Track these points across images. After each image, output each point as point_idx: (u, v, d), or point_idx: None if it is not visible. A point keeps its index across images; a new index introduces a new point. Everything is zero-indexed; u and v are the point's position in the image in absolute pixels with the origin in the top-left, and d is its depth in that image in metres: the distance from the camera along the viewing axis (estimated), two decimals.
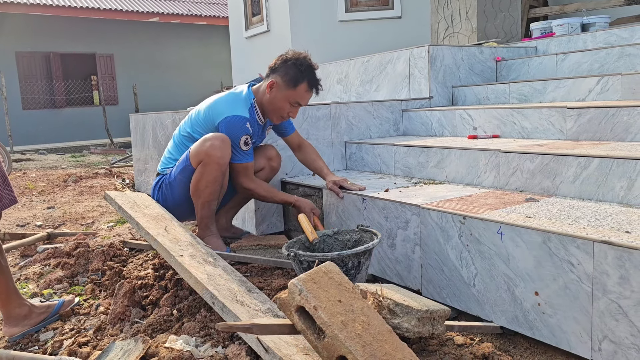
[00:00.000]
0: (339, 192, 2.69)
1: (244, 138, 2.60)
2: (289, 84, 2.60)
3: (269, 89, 2.63)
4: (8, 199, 2.05)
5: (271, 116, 2.71)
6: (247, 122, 2.61)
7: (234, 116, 2.60)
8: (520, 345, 1.84)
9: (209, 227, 2.70)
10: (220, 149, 2.52)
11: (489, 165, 2.53)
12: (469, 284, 2.00)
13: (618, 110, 2.47)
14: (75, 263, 2.82)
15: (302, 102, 2.68)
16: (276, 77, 2.62)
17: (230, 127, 2.59)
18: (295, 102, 2.64)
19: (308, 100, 2.70)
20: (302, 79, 2.61)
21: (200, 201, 2.64)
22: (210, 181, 2.57)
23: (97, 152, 10.89)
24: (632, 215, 1.83)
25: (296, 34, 6.41)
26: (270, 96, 2.64)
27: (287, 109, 2.66)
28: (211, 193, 2.61)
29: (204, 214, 2.67)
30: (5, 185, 2.04)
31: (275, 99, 2.63)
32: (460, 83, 3.97)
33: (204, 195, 2.61)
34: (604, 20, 4.78)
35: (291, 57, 2.65)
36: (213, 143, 2.52)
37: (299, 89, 2.61)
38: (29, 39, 13.73)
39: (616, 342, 1.55)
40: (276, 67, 2.65)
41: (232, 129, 2.59)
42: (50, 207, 4.70)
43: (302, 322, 1.35)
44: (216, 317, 1.92)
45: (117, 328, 2.05)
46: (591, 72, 3.57)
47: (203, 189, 2.59)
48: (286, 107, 2.64)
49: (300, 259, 2.03)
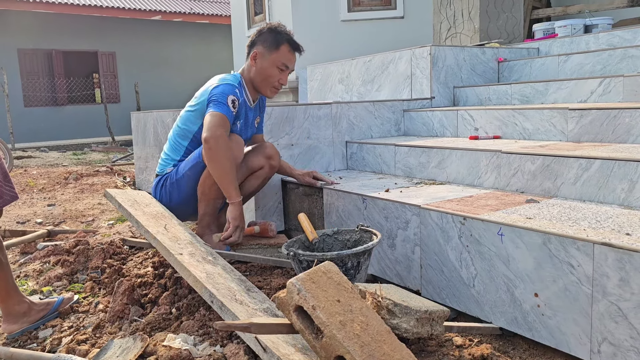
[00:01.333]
0: (315, 182, 2.76)
1: (232, 97, 2.54)
2: (270, 48, 2.62)
3: (254, 61, 2.64)
4: (9, 195, 2.05)
5: (263, 89, 2.68)
6: (237, 89, 2.59)
7: (223, 84, 2.59)
8: (519, 346, 1.84)
9: (209, 225, 2.69)
10: (234, 149, 2.52)
11: (490, 166, 2.52)
12: (469, 285, 2.00)
13: (620, 112, 2.46)
14: (75, 261, 2.82)
15: (289, 64, 2.66)
16: (257, 48, 2.64)
17: (219, 90, 2.56)
18: (282, 64, 2.63)
19: (294, 62, 2.69)
20: (282, 40, 2.64)
21: (205, 198, 2.63)
22: None
23: (99, 149, 10.89)
24: (633, 217, 1.83)
25: (298, 33, 6.35)
26: (257, 67, 2.64)
27: (276, 75, 2.64)
28: (217, 192, 2.61)
29: (207, 211, 2.67)
30: (6, 181, 2.04)
31: (262, 68, 2.63)
32: (462, 84, 3.96)
33: (211, 192, 2.60)
34: (606, 21, 4.77)
35: (265, 26, 2.70)
36: None
37: (282, 49, 2.63)
38: (32, 36, 13.74)
39: (616, 345, 1.55)
40: (254, 40, 2.67)
41: (220, 91, 2.55)
42: (51, 205, 4.70)
43: (300, 321, 1.35)
44: (215, 315, 1.92)
45: (116, 326, 2.04)
46: (593, 73, 3.56)
47: (211, 185, 2.58)
48: (275, 72, 2.63)
49: (300, 259, 2.03)
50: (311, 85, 5.28)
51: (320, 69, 5.10)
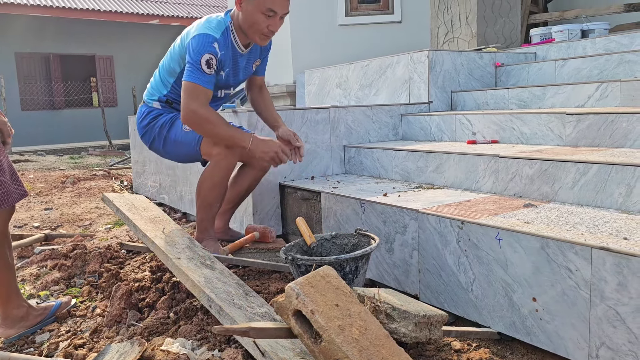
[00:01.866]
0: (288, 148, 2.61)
1: (207, 57, 2.41)
2: None
3: (239, 6, 2.47)
4: (17, 193, 2.06)
5: (252, 36, 2.52)
6: (215, 42, 2.45)
7: (201, 34, 2.45)
8: (517, 351, 1.84)
9: (207, 230, 2.68)
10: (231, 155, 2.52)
11: (487, 171, 2.52)
12: (467, 289, 2.00)
13: (617, 117, 2.47)
14: (72, 265, 2.81)
15: (276, 9, 2.42)
16: None
17: (194, 45, 2.43)
18: (267, 9, 2.41)
19: (282, 6, 2.46)
20: None
21: (204, 203, 2.61)
22: (217, 183, 2.56)
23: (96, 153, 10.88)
24: (631, 221, 1.83)
25: (296, 38, 6.41)
26: (243, 13, 2.48)
27: (263, 22, 2.45)
28: (216, 196, 2.59)
29: (204, 216, 2.65)
30: (14, 179, 2.04)
31: (247, 14, 2.45)
32: (459, 88, 3.97)
33: (209, 196, 2.58)
34: (603, 26, 4.79)
35: None
36: None
37: None
38: (29, 40, 13.73)
39: (614, 349, 1.55)
40: None
41: (196, 47, 2.43)
42: (48, 209, 4.69)
43: (299, 326, 1.35)
44: (213, 320, 1.92)
45: (113, 330, 2.04)
46: (590, 78, 3.58)
47: (208, 189, 2.56)
48: (261, 18, 2.44)
49: (298, 263, 2.03)
50: (309, 89, 5.28)
51: (318, 73, 5.11)
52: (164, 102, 2.71)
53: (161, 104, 2.71)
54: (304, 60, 6.32)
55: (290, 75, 6.45)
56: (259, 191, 3.09)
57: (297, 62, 6.39)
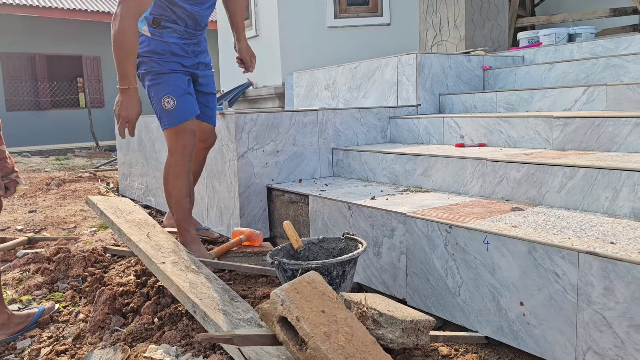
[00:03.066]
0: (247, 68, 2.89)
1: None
2: None
3: None
4: None
5: None
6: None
7: None
8: (504, 355, 1.83)
9: (188, 231, 2.65)
10: None
11: (475, 174, 2.52)
12: (455, 294, 1.99)
13: (603, 121, 2.48)
14: (56, 269, 2.76)
15: None
16: None
17: None
18: None
19: None
20: None
21: (174, 200, 2.63)
22: (178, 175, 2.60)
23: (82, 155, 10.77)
24: (617, 225, 1.83)
25: (285, 39, 6.39)
26: None
27: None
28: (181, 188, 2.62)
29: (180, 216, 2.64)
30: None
31: None
32: (447, 91, 3.97)
33: (174, 189, 2.61)
34: (590, 30, 4.82)
35: None
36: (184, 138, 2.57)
37: None
38: (14, 40, 13.57)
39: (600, 354, 1.55)
40: None
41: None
42: (32, 211, 4.62)
43: (284, 333, 1.33)
44: (198, 325, 1.89)
45: (96, 336, 2.00)
46: (577, 82, 3.60)
47: (172, 184, 2.60)
48: None
49: (284, 267, 2.00)
50: (297, 91, 5.27)
51: (307, 75, 5.09)
52: (152, 24, 2.60)
53: (150, 28, 2.61)
54: (293, 62, 6.30)
55: (279, 76, 6.43)
56: (246, 194, 3.07)
57: (285, 63, 6.37)
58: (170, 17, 2.57)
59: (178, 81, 2.61)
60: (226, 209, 3.22)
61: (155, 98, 2.60)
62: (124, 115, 2.38)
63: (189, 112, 2.60)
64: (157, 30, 2.61)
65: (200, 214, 3.58)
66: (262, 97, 6.81)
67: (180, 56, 2.64)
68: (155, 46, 2.59)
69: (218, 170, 3.27)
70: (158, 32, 2.61)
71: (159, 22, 2.61)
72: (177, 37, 2.61)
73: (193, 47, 2.70)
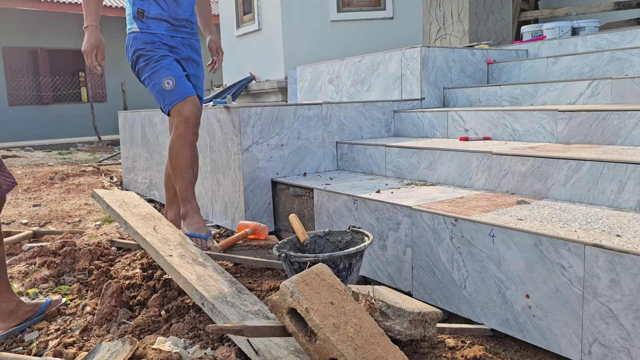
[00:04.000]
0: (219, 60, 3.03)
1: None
2: None
3: None
4: (7, 184, 2.03)
5: None
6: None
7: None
8: (510, 347, 1.84)
9: (189, 200, 2.70)
10: None
11: (480, 167, 2.53)
12: (460, 286, 2.00)
13: (608, 114, 2.48)
14: (62, 262, 2.77)
15: None
16: None
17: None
18: None
19: None
20: None
21: (178, 170, 2.69)
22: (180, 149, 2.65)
23: (85, 149, 10.78)
24: (623, 218, 1.84)
25: (287, 33, 6.38)
26: None
27: None
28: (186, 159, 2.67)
29: (181, 186, 2.71)
30: (1, 170, 2.01)
31: None
32: (451, 85, 3.97)
33: (179, 161, 2.66)
34: (594, 24, 4.81)
35: None
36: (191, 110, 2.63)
37: None
38: (16, 34, 13.55)
39: (606, 346, 1.56)
40: None
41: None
42: (36, 205, 4.64)
43: (293, 324, 1.34)
44: (205, 318, 1.90)
45: (103, 329, 2.02)
46: (582, 75, 3.59)
47: (177, 154, 2.64)
48: None
49: (292, 260, 2.01)
50: (301, 85, 5.26)
51: (310, 69, 5.09)
52: (137, 17, 2.72)
53: (137, 21, 2.73)
54: (296, 56, 6.29)
55: (282, 71, 6.42)
56: (251, 187, 3.08)
57: (288, 58, 6.37)
58: None
59: (173, 65, 2.70)
60: (231, 203, 3.23)
61: (156, 85, 2.66)
62: (88, 48, 2.58)
63: (187, 90, 2.68)
64: (144, 24, 2.71)
65: (205, 208, 3.59)
66: (264, 91, 6.81)
67: (172, 47, 2.74)
68: (146, 38, 2.70)
69: (223, 164, 3.28)
70: (145, 25, 2.71)
71: (142, 12, 2.71)
72: (164, 30, 2.71)
73: (182, 40, 2.78)
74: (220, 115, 3.24)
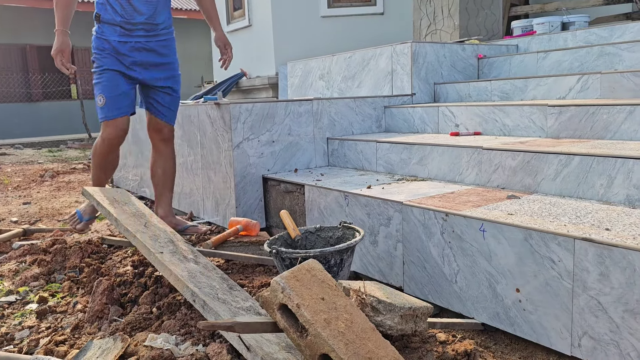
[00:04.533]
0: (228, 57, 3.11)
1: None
2: None
3: None
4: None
5: None
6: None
7: None
8: (501, 341, 1.85)
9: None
10: None
11: (471, 163, 2.53)
12: (451, 281, 2.00)
13: (598, 109, 2.50)
14: (52, 260, 2.76)
15: None
16: None
17: None
18: None
19: None
20: None
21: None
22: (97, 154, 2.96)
23: (75, 146, 10.71)
24: (612, 212, 1.85)
25: (278, 29, 6.36)
26: None
27: None
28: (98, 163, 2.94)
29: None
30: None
31: None
32: (442, 80, 3.98)
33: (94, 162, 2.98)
34: (583, 19, 4.83)
35: None
36: None
37: None
38: (4, 30, 13.42)
39: (596, 339, 1.57)
40: None
41: None
42: (26, 203, 4.60)
43: (284, 320, 1.34)
44: (197, 315, 1.90)
45: (95, 326, 2.01)
46: (572, 70, 3.61)
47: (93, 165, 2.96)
48: None
49: (283, 256, 2.01)
50: (291, 81, 5.25)
51: (301, 65, 5.08)
52: (95, 21, 2.79)
53: (96, 25, 2.80)
54: (286, 52, 6.28)
55: (273, 67, 6.41)
56: (242, 184, 3.07)
57: (279, 54, 6.35)
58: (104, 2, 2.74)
59: (113, 80, 2.78)
60: (222, 200, 3.22)
61: (95, 95, 2.83)
62: (53, 52, 2.74)
63: (115, 112, 2.81)
64: (99, 29, 2.78)
65: (196, 205, 3.58)
66: (255, 87, 6.79)
67: (122, 54, 2.77)
68: (99, 44, 2.78)
69: (213, 161, 3.27)
70: (100, 30, 2.78)
71: (99, 16, 2.77)
72: (117, 35, 2.75)
73: (135, 44, 2.80)
74: (211, 112, 3.23)
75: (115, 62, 2.77)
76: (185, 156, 3.68)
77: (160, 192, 3.07)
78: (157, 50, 2.88)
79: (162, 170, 3.07)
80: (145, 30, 2.81)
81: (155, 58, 2.88)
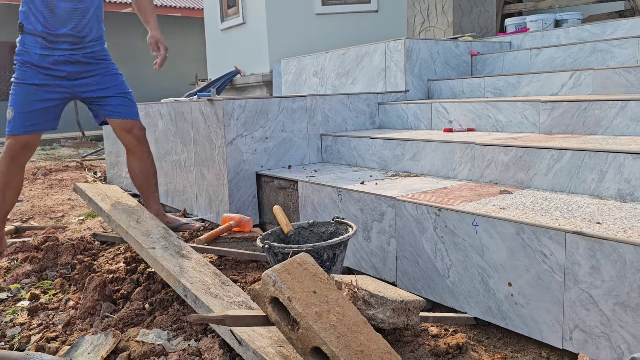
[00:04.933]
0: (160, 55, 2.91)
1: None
2: None
3: None
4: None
5: None
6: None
7: None
8: (493, 335, 1.86)
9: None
10: None
11: (464, 158, 2.54)
12: (444, 276, 2.01)
13: (590, 104, 2.51)
14: (44, 257, 2.74)
15: None
16: None
17: None
18: None
19: None
20: None
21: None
22: None
23: (68, 145, 10.66)
24: (603, 206, 1.86)
25: (272, 27, 6.35)
26: None
27: None
28: None
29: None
30: None
31: None
32: (436, 76, 3.98)
33: None
34: (576, 16, 4.85)
35: None
36: None
37: None
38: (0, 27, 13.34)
39: (587, 332, 1.57)
40: None
41: None
42: (19, 201, 4.57)
43: (276, 313, 1.33)
44: (189, 310, 1.89)
45: (87, 323, 2.00)
46: (564, 66, 3.62)
47: None
48: None
49: (275, 251, 2.01)
50: (285, 78, 5.24)
51: (295, 62, 5.07)
52: (19, 30, 2.70)
53: (20, 37, 2.71)
54: (281, 49, 6.27)
55: (267, 64, 6.40)
56: (235, 180, 3.07)
57: (273, 51, 6.34)
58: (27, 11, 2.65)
59: (27, 96, 2.68)
60: (215, 196, 3.22)
61: (8, 104, 2.74)
62: None
63: (20, 129, 2.70)
64: (21, 40, 2.69)
65: (190, 201, 3.57)
66: (249, 84, 6.78)
67: (43, 68, 2.67)
68: (20, 55, 2.70)
69: (206, 157, 3.26)
70: (22, 41, 2.69)
71: (22, 26, 2.68)
72: (39, 47, 2.65)
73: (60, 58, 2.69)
74: (204, 108, 3.22)
75: (36, 75, 2.66)
76: (178, 153, 3.67)
77: (146, 194, 3.03)
78: (83, 61, 2.76)
79: (140, 172, 2.99)
80: (70, 43, 2.68)
81: (81, 67, 2.76)
